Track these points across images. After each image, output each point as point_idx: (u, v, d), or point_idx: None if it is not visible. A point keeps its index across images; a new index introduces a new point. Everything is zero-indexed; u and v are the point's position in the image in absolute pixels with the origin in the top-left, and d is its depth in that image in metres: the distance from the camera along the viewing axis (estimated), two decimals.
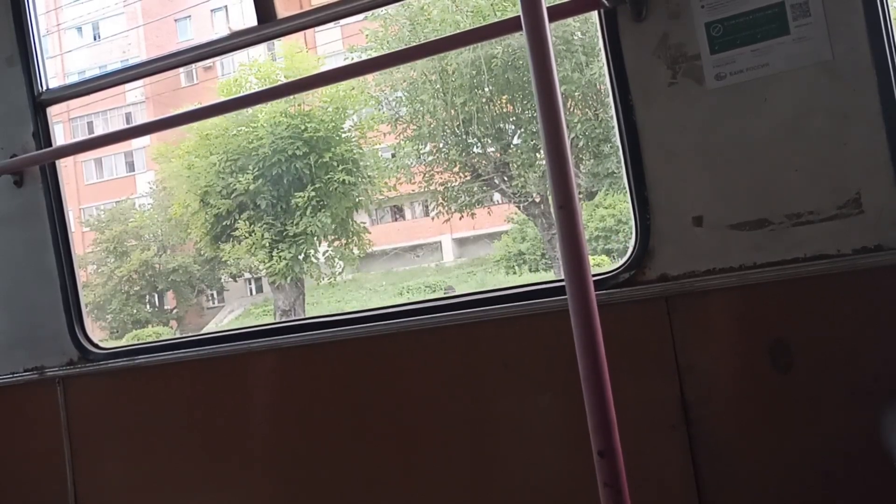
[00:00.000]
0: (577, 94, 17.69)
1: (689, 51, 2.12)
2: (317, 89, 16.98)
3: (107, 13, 29.69)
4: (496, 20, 2.93)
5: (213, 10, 28.67)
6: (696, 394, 2.14)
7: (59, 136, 3.10)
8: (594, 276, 1.81)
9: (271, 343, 2.63)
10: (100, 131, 25.93)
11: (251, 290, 27.26)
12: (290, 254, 19.91)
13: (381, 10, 17.27)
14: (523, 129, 19.03)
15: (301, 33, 4.20)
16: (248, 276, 25.09)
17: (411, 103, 19.47)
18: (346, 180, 19.79)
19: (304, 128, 19.82)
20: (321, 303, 21.90)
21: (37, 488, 2.97)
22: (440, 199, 20.56)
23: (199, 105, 3.03)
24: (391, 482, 2.49)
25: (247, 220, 20.09)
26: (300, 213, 19.60)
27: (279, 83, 3.69)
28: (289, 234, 19.90)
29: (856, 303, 2.03)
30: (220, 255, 21.82)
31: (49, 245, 2.92)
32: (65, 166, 3.12)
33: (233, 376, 2.72)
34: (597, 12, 2.22)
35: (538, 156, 18.14)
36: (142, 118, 27.02)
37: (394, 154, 20.69)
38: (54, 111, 3.01)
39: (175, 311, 25.84)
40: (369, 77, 19.04)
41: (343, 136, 20.37)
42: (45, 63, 3.00)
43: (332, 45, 23.97)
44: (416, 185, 20.58)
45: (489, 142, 19.32)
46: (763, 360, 2.09)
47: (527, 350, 2.32)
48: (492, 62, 17.94)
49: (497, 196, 20.79)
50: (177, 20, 29.44)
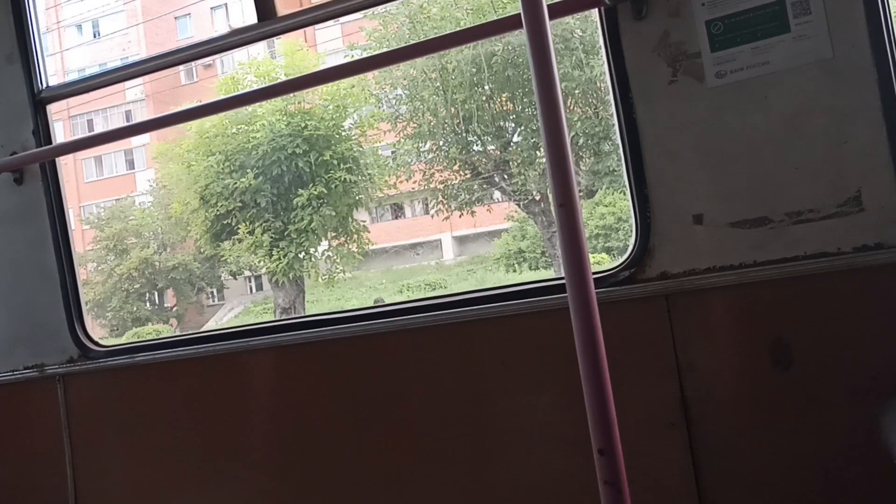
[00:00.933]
0: (577, 91, 17.66)
1: (690, 49, 2.12)
2: (317, 87, 16.95)
3: (107, 11, 29.66)
4: (496, 18, 2.93)
5: (212, 8, 28.65)
6: (696, 392, 2.14)
7: (59, 134, 3.10)
8: (594, 274, 1.81)
9: (271, 341, 2.63)
10: (100, 129, 25.84)
11: (251, 288, 27.26)
12: (291, 252, 19.89)
13: (381, 8, 17.22)
14: (523, 127, 19.01)
15: (301, 31, 4.19)
16: (248, 273, 25.08)
17: (411, 101, 19.45)
18: (346, 178, 19.77)
19: (304, 126, 19.80)
20: (321, 301, 21.90)
21: (37, 486, 2.98)
22: (440, 197, 20.54)
23: (198, 103, 3.03)
24: (390, 480, 2.49)
25: (247, 218, 20.07)
26: (300, 210, 19.58)
27: (279, 81, 3.68)
28: (289, 232, 19.88)
29: (856, 301, 2.03)
30: (220, 252, 21.80)
31: (49, 243, 2.92)
32: (65, 164, 3.11)
33: (232, 374, 2.72)
34: (597, 10, 2.22)
35: (538, 154, 18.13)
36: (142, 116, 26.96)
37: (394, 152, 20.68)
38: (54, 109, 3.01)
39: (175, 309, 25.84)
40: (369, 75, 19.03)
41: (343, 134, 20.35)
42: (45, 61, 3.00)
43: (332, 42, 23.96)
44: (416, 183, 20.56)
45: (489, 140, 19.30)
46: (763, 358, 2.09)
47: (527, 348, 2.32)
48: (492, 60, 17.92)
49: (497, 194, 20.76)
50: (177, 18, 29.43)
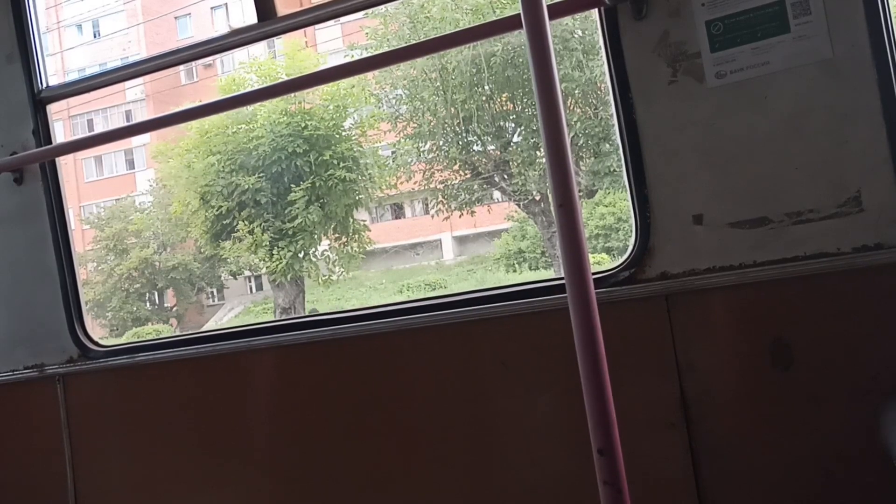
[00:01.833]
0: (577, 91, 17.66)
1: (690, 49, 2.12)
2: (317, 87, 16.95)
3: (107, 11, 29.65)
4: (496, 18, 2.93)
5: (213, 8, 28.64)
6: (695, 392, 2.14)
7: (59, 134, 3.10)
8: (594, 274, 1.81)
9: (271, 341, 2.63)
10: (100, 129, 25.85)
11: (251, 288, 27.24)
12: (291, 251, 19.89)
13: (381, 8, 17.23)
14: (523, 127, 18.99)
15: (301, 31, 4.19)
16: (248, 273, 25.07)
17: (411, 101, 19.44)
18: (346, 178, 19.77)
19: (304, 125, 19.80)
20: (321, 301, 21.89)
21: (37, 485, 2.98)
22: (440, 197, 20.54)
23: (199, 103, 3.03)
24: (390, 480, 2.49)
25: (247, 218, 20.06)
26: (298, 208, 19.57)
27: (280, 81, 3.68)
28: (289, 232, 19.88)
29: (856, 301, 2.03)
30: (220, 252, 21.80)
31: (49, 243, 2.92)
32: (65, 164, 3.11)
33: (232, 374, 2.72)
34: (597, 10, 2.22)
35: (538, 154, 18.12)
36: (142, 116, 26.95)
37: (394, 152, 20.67)
38: (54, 109, 3.01)
39: (175, 308, 25.82)
40: (370, 75, 19.03)
41: (343, 134, 20.35)
42: (45, 60, 3.00)
43: (333, 42, 23.95)
44: (416, 183, 20.55)
45: (489, 140, 19.28)
46: (763, 358, 2.09)
47: (526, 348, 2.32)
48: (492, 60, 17.91)
49: (497, 194, 20.76)
50: (177, 18, 29.41)
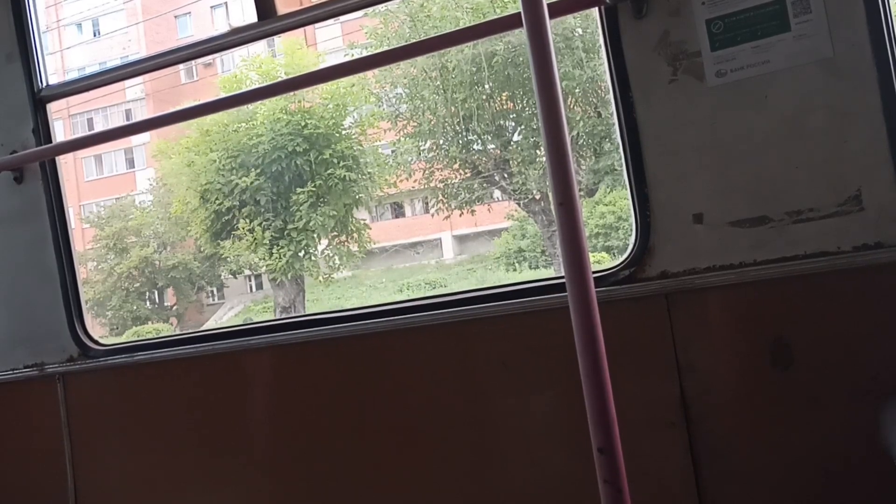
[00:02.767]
0: (577, 90, 17.65)
1: (690, 48, 2.12)
2: (317, 86, 16.95)
3: (107, 10, 29.61)
4: (496, 17, 2.93)
5: (213, 7, 28.60)
6: (695, 391, 2.14)
7: (59, 133, 3.10)
8: (594, 273, 1.81)
9: (271, 340, 2.63)
10: (100, 128, 25.84)
11: (251, 287, 27.22)
12: (291, 251, 19.89)
13: (381, 7, 17.21)
14: (524, 126, 18.98)
15: (301, 30, 4.19)
16: (248, 272, 25.06)
17: (411, 100, 19.43)
18: (346, 177, 19.77)
19: (304, 124, 19.80)
20: (321, 300, 21.89)
21: (37, 484, 2.98)
22: (440, 196, 20.53)
23: (198, 102, 3.03)
24: (390, 479, 2.49)
25: (247, 217, 20.06)
26: (302, 209, 19.58)
27: (279, 80, 3.68)
28: (289, 231, 19.88)
29: (856, 300, 2.03)
30: (220, 251, 21.79)
31: (49, 242, 2.92)
32: (65, 163, 3.11)
33: (232, 373, 2.72)
34: (597, 9, 2.22)
35: (538, 153, 18.11)
36: (142, 115, 26.94)
37: (394, 151, 20.66)
38: (54, 108, 3.01)
39: (175, 307, 25.81)
40: (370, 74, 19.02)
41: (343, 132, 20.34)
42: (44, 59, 3.00)
43: (333, 41, 23.93)
44: (416, 181, 20.55)
45: (489, 139, 19.28)
46: (763, 357, 2.09)
47: (526, 347, 2.32)
48: (492, 59, 17.90)
49: (497, 193, 20.75)
50: (177, 17, 29.39)
